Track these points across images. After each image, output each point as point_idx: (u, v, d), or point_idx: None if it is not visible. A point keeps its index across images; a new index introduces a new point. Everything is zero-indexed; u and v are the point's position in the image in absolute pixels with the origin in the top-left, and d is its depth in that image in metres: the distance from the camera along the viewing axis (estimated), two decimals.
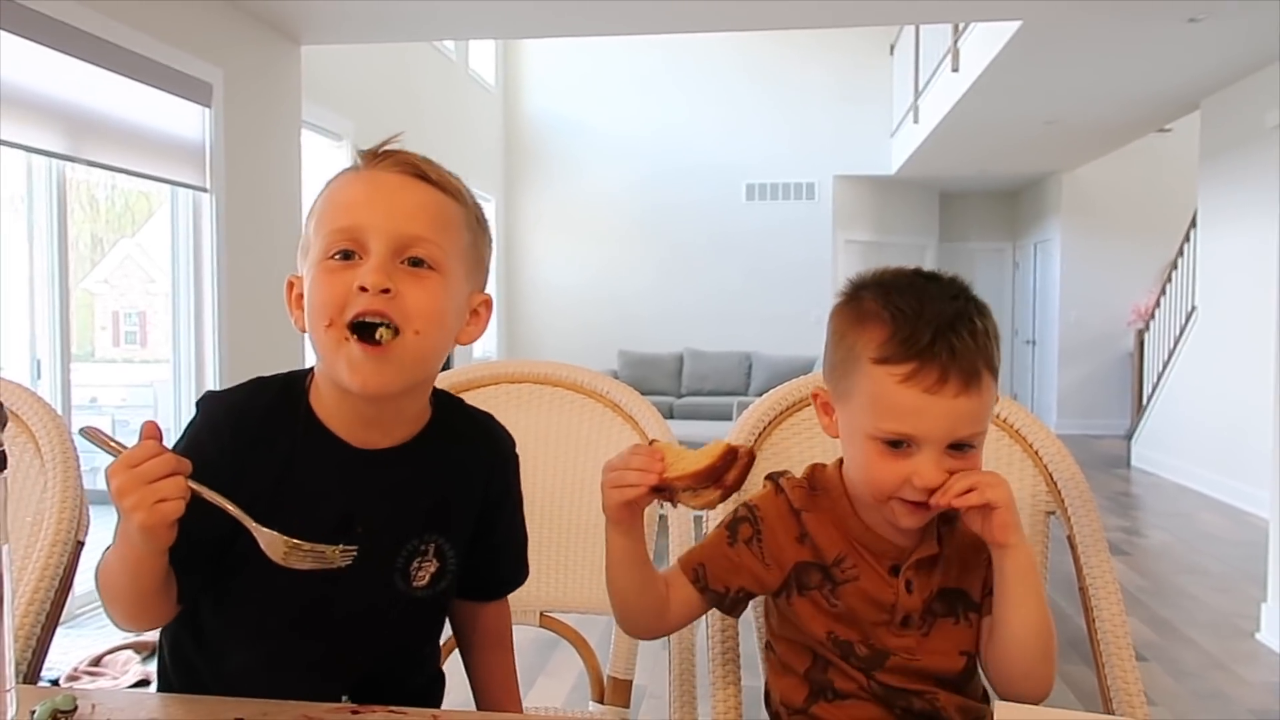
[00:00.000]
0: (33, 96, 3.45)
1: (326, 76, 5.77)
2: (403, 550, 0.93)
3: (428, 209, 0.87)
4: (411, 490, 0.93)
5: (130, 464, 0.79)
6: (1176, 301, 7.34)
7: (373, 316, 0.83)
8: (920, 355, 0.85)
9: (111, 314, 6.65)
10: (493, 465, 1.01)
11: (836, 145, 9.46)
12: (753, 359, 8.87)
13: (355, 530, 0.89)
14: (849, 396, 0.91)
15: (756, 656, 1.10)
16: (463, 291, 0.91)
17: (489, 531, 1.02)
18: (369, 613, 0.93)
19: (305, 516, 0.86)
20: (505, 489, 1.03)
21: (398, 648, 0.98)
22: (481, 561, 1.02)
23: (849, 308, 0.93)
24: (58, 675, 2.96)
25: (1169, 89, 6.25)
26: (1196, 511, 5.90)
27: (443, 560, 0.96)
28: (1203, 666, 3.28)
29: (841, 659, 0.94)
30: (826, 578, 0.94)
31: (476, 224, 0.94)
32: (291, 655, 0.93)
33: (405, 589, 0.94)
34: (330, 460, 0.90)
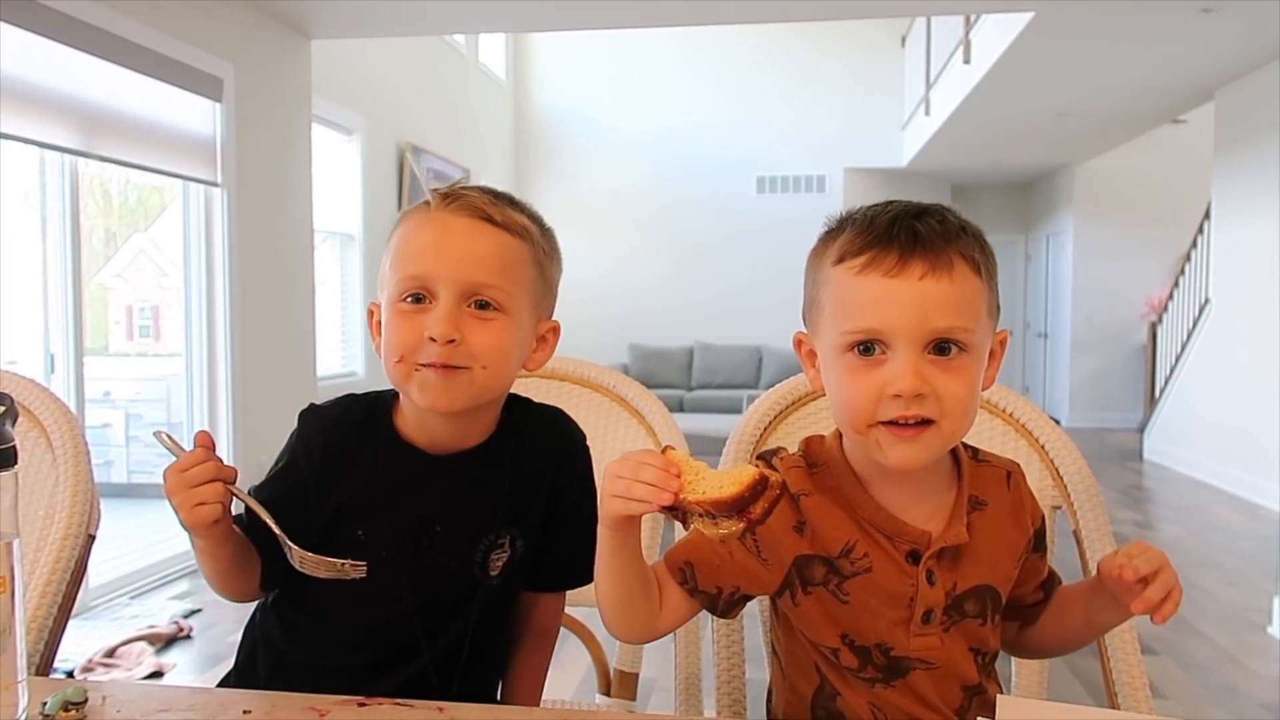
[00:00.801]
0: (45, 92, 3.47)
1: (337, 71, 5.78)
2: (480, 544, 0.98)
3: (494, 255, 0.91)
4: (485, 490, 0.98)
5: (180, 469, 0.87)
6: (1190, 294, 7.30)
7: (441, 366, 0.90)
8: (877, 241, 0.79)
9: (125, 308, 6.69)
10: (562, 457, 1.04)
11: (847, 138, 9.43)
12: (763, 352, 8.86)
13: (434, 530, 0.97)
14: (819, 318, 0.83)
15: (762, 650, 1.10)
16: (529, 324, 0.97)
17: (556, 519, 1.03)
18: (450, 604, 0.98)
19: (389, 519, 0.95)
20: (573, 479, 1.04)
21: (474, 637, 1.01)
22: (547, 550, 1.04)
23: (822, 239, 0.86)
24: (72, 667, 2.99)
25: (1183, 80, 6.20)
26: (1208, 505, 5.87)
27: (514, 549, 1.00)
28: (1213, 660, 3.27)
29: (857, 672, 0.84)
30: (833, 571, 0.83)
31: (545, 255, 0.98)
32: (377, 650, 0.98)
33: (483, 579, 0.99)
34: (409, 468, 0.97)
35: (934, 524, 0.84)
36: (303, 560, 0.89)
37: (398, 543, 0.95)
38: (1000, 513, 0.88)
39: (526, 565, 1.03)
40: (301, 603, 1.01)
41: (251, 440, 4.60)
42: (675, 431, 1.31)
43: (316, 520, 0.95)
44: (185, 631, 3.42)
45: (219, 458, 0.87)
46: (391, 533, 0.95)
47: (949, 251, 0.79)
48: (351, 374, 6.03)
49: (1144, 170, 9.19)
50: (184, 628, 3.43)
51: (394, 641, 0.98)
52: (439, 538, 0.96)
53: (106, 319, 6.43)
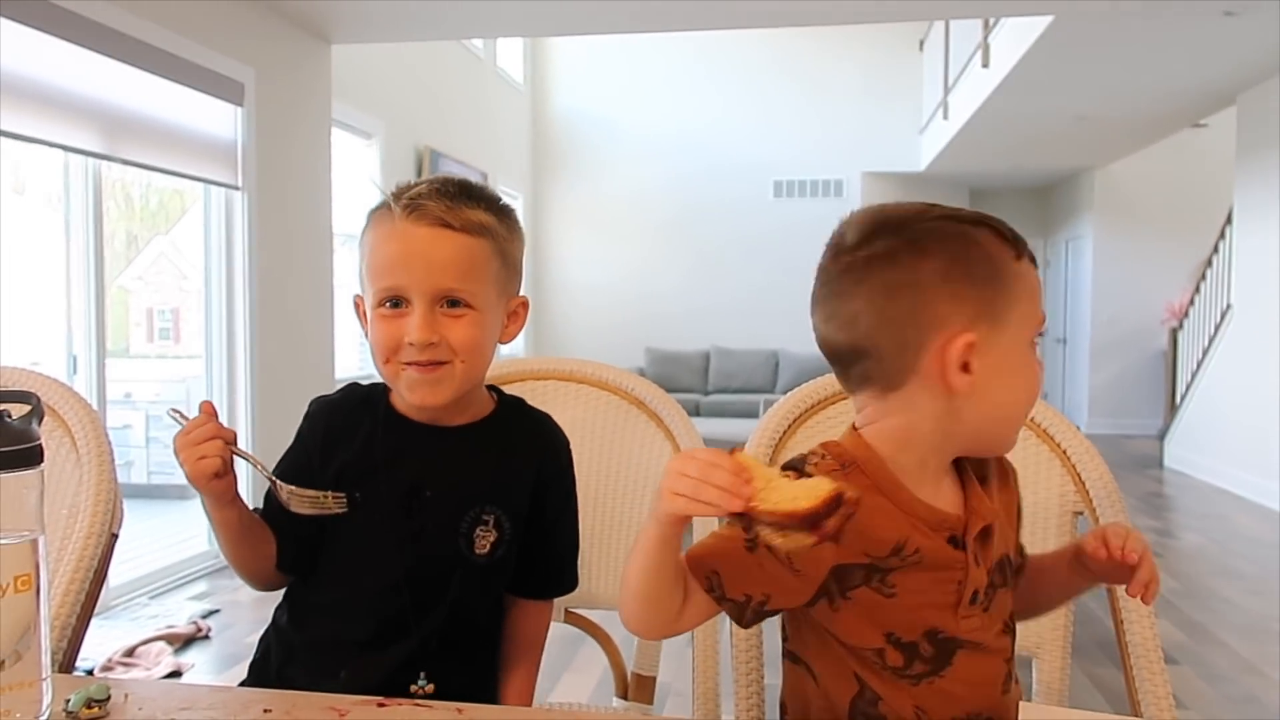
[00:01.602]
0: (69, 96, 3.51)
1: (356, 75, 5.82)
2: (466, 516, 1.04)
3: (458, 261, 0.99)
4: (473, 464, 1.05)
5: (185, 432, 0.97)
6: (1211, 299, 7.23)
7: (424, 364, 1.00)
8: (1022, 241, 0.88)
9: (146, 310, 6.75)
10: (544, 453, 1.10)
11: (865, 142, 9.41)
12: (779, 357, 8.84)
13: (425, 495, 1.03)
14: (1008, 311, 0.83)
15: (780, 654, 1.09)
16: (498, 308, 1.04)
17: (539, 522, 1.08)
18: (437, 576, 1.03)
19: (383, 484, 1.03)
20: (556, 477, 1.10)
21: (464, 616, 1.05)
22: (531, 557, 1.09)
23: (938, 236, 0.84)
24: (92, 666, 3.01)
25: (1204, 83, 6.15)
26: (1230, 513, 5.81)
27: (501, 531, 1.05)
28: (1235, 670, 3.23)
29: (903, 671, 0.83)
30: (874, 570, 0.82)
31: (506, 241, 1.03)
32: (370, 621, 1.03)
33: (469, 554, 1.03)
34: (404, 437, 1.05)
35: (954, 506, 0.85)
36: (289, 496, 0.97)
37: (391, 506, 1.03)
38: (994, 484, 0.90)
39: (514, 555, 1.07)
40: (307, 579, 1.08)
41: (270, 441, 4.62)
42: (694, 434, 1.31)
43: (320, 487, 1.02)
44: (204, 632, 3.44)
45: (219, 422, 0.97)
46: (385, 495, 1.03)
47: None
48: (370, 375, 6.05)
49: (1165, 175, 9.12)
50: (202, 628, 3.45)
51: (386, 611, 1.02)
52: (428, 504, 1.03)
53: (127, 321, 6.49)
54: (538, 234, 9.81)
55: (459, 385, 1.01)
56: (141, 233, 6.08)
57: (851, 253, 0.84)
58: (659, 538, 0.78)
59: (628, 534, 1.33)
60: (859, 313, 0.83)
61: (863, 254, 0.83)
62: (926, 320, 0.82)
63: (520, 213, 6.46)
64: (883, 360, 0.84)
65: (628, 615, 0.84)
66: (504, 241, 1.03)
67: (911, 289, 0.82)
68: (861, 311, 0.83)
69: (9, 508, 0.74)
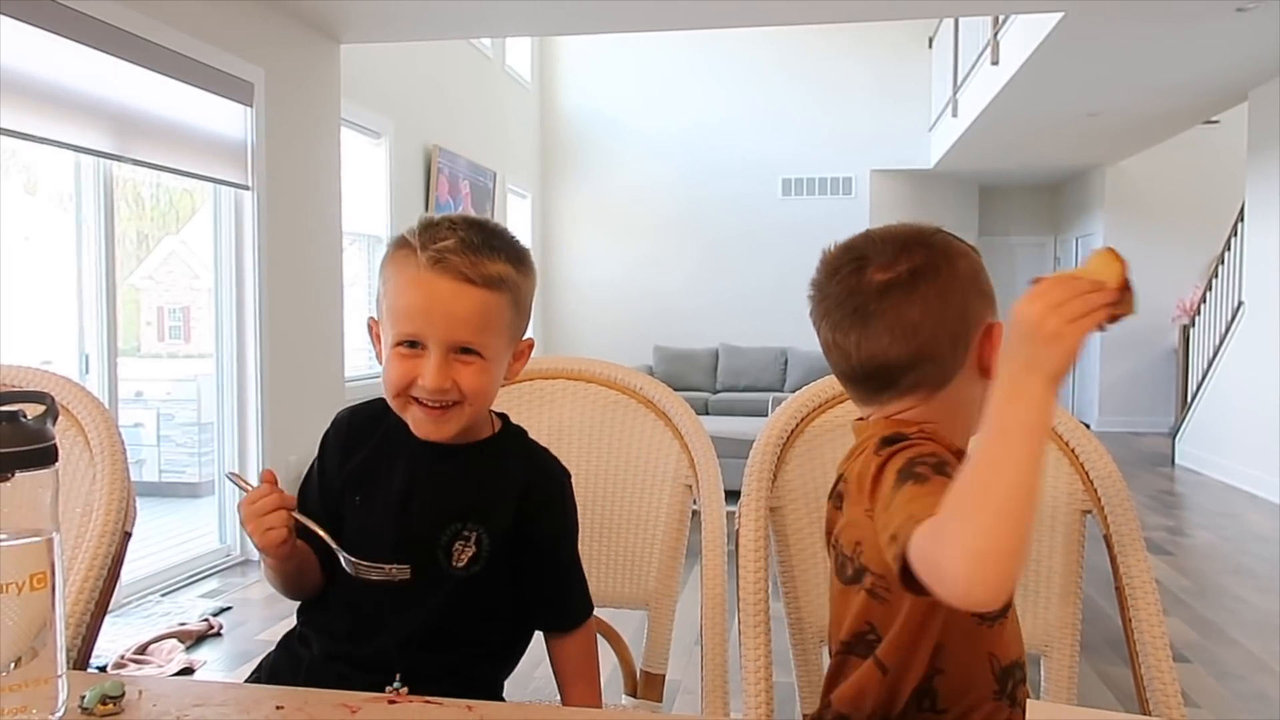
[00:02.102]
0: (80, 97, 3.53)
1: (365, 75, 5.83)
2: (446, 530, 1.07)
3: (474, 315, 1.04)
4: (461, 481, 1.10)
5: (250, 501, 1.03)
6: (1222, 296, 7.19)
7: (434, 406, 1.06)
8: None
9: (156, 309, 6.79)
10: (535, 479, 1.12)
11: (874, 139, 9.38)
12: (788, 354, 8.83)
13: (412, 504, 1.09)
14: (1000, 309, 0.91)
15: (789, 654, 1.10)
16: (507, 353, 1.09)
17: (533, 554, 1.11)
18: (418, 586, 1.05)
19: (381, 490, 1.10)
20: (545, 505, 1.11)
21: (443, 625, 1.08)
22: (536, 591, 1.13)
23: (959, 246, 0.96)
24: (105, 663, 3.03)
25: (1216, 80, 6.12)
26: (1242, 511, 5.79)
27: (480, 547, 1.08)
28: (1247, 668, 3.22)
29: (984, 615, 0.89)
30: None
31: (519, 288, 1.08)
32: (349, 617, 1.09)
33: (447, 567, 1.07)
34: (404, 447, 1.10)
35: None
36: (356, 567, 1.00)
37: (384, 511, 1.09)
38: None
39: (499, 574, 1.09)
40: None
41: (280, 439, 4.64)
42: (702, 433, 1.31)
43: (332, 489, 1.12)
44: (215, 629, 3.46)
45: (280, 489, 1.04)
46: (381, 501, 1.09)
47: None
48: (379, 375, 6.06)
49: (1176, 171, 9.07)
50: (214, 625, 3.47)
51: (365, 609, 1.08)
52: (415, 513, 1.08)
53: (138, 320, 6.52)
54: (546, 233, 9.81)
55: (464, 423, 1.07)
56: (152, 232, 6.11)
57: (889, 269, 0.92)
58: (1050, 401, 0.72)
59: (638, 533, 1.33)
60: (919, 322, 0.90)
61: (903, 269, 0.91)
62: (972, 316, 0.92)
63: (528, 211, 6.47)
64: (941, 361, 0.91)
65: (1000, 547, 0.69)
66: (518, 290, 1.08)
67: (959, 291, 0.92)
68: (922, 320, 0.90)
69: (24, 507, 0.75)
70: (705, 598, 1.20)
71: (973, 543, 0.68)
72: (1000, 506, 0.68)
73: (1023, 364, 0.72)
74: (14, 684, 0.74)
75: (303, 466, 4.50)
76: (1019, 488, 0.69)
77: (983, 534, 0.68)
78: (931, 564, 0.72)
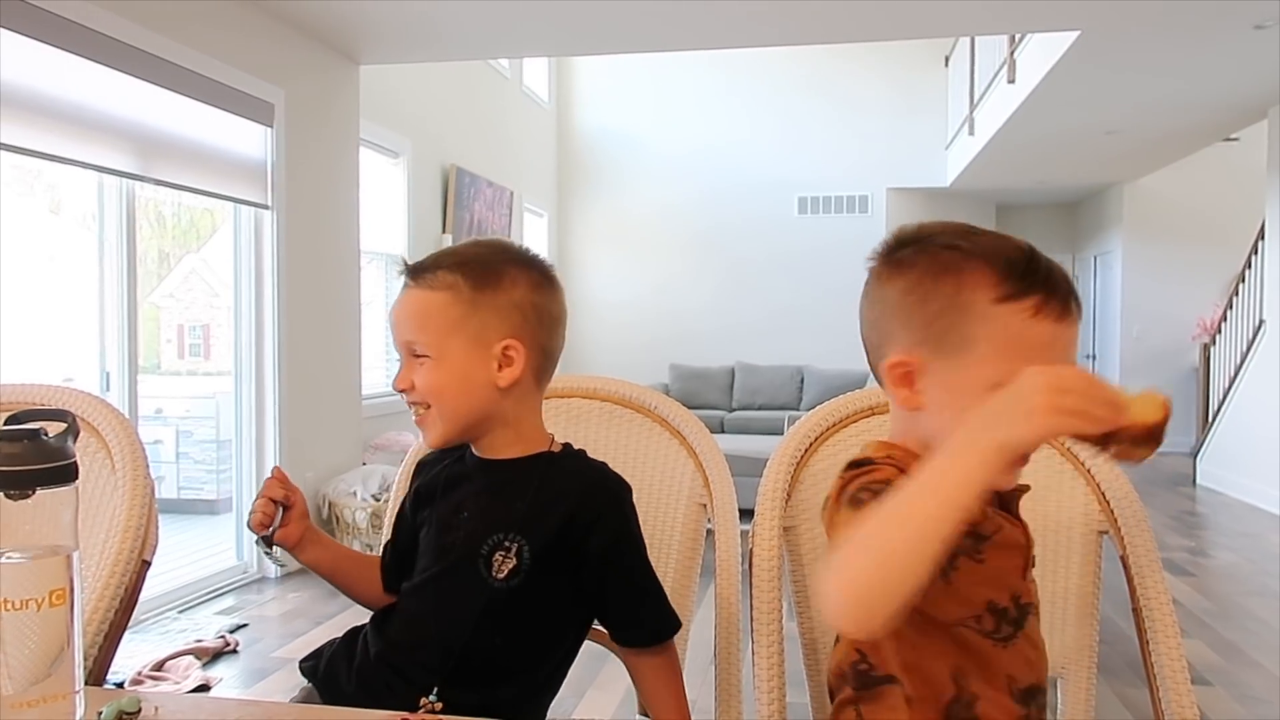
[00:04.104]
0: (104, 118, 3.58)
1: (384, 95, 5.89)
2: (488, 540, 1.10)
3: (414, 315, 1.12)
4: (507, 494, 1.12)
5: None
6: (1244, 315, 7.13)
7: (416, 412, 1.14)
8: (1041, 285, 0.83)
9: (176, 327, 6.85)
10: (583, 497, 1.12)
11: (890, 158, 9.38)
12: (804, 373, 8.81)
13: (462, 515, 1.13)
14: (961, 349, 0.84)
15: (803, 673, 1.10)
16: (471, 354, 1.11)
17: (594, 570, 1.10)
18: (457, 592, 1.10)
19: (440, 505, 1.16)
20: (594, 524, 1.10)
21: (483, 641, 1.08)
22: (605, 607, 1.14)
23: (925, 260, 0.87)
24: (121, 679, 3.04)
25: (1235, 97, 6.09)
26: (1265, 532, 5.71)
27: (520, 560, 1.09)
28: (1270, 692, 3.17)
29: (993, 634, 0.86)
30: (976, 537, 0.84)
31: (478, 291, 1.11)
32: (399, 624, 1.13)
33: (488, 577, 1.09)
34: (465, 464, 1.18)
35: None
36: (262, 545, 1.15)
37: (439, 522, 1.15)
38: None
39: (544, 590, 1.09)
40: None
41: (298, 456, 4.67)
42: (716, 452, 1.31)
43: (404, 508, 1.21)
44: (232, 646, 3.47)
45: (286, 486, 1.14)
46: (440, 515, 1.15)
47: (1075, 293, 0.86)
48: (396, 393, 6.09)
49: (1195, 189, 9.02)
50: (230, 642, 3.48)
51: (416, 615, 1.12)
52: (463, 523, 1.12)
53: (159, 338, 6.58)
54: (563, 252, 9.85)
55: (442, 425, 1.11)
56: (173, 251, 6.18)
57: (872, 259, 0.93)
58: (988, 469, 0.71)
59: (652, 552, 1.33)
60: (864, 317, 0.93)
61: (872, 264, 0.92)
62: (884, 334, 0.90)
63: (545, 229, 6.51)
64: (871, 364, 0.93)
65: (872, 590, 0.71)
66: (475, 291, 1.11)
67: (881, 304, 0.90)
68: (865, 316, 0.93)
69: (45, 524, 0.76)
70: (719, 617, 1.20)
71: (848, 575, 0.72)
72: (887, 556, 0.71)
73: (986, 421, 0.71)
74: (31, 699, 0.75)
75: (320, 484, 4.59)
76: (911, 546, 0.70)
77: (860, 571, 0.71)
78: (820, 583, 0.77)
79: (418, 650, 1.09)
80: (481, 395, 1.11)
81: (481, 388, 1.11)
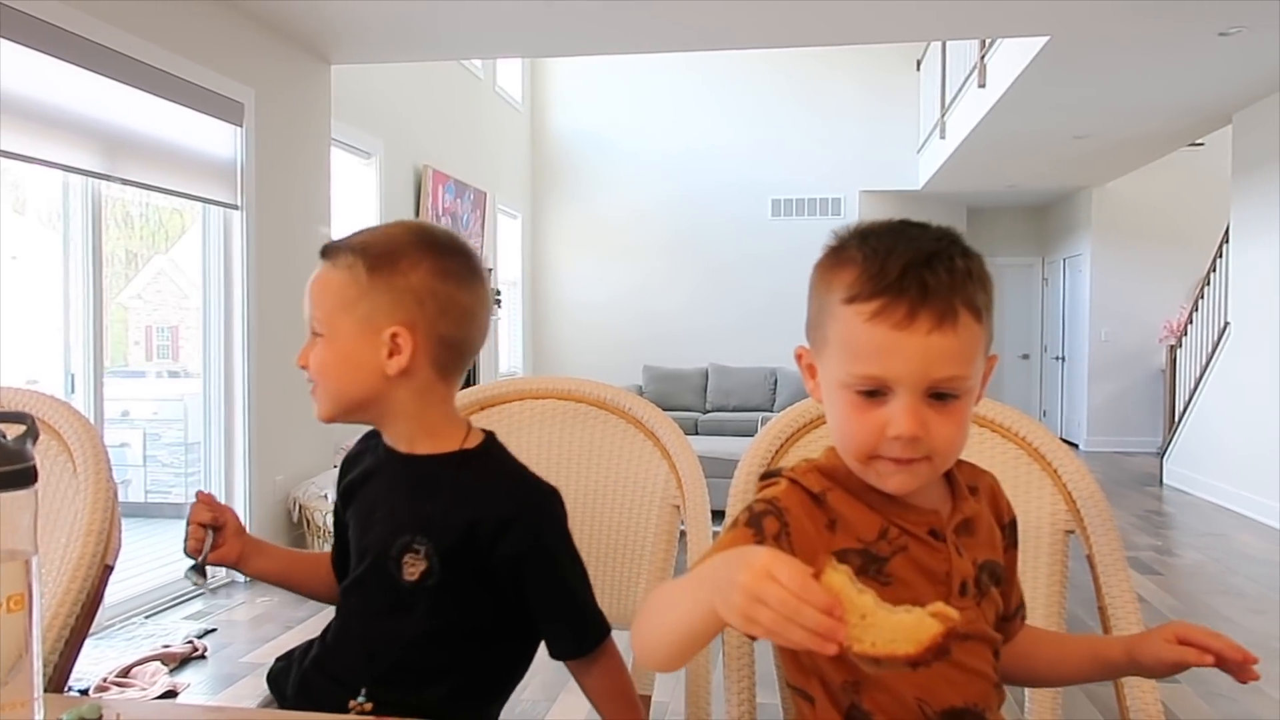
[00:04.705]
0: (70, 117, 3.53)
1: (355, 95, 5.85)
2: (398, 541, 1.08)
3: (313, 292, 1.11)
4: (413, 494, 1.11)
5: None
6: (1209, 317, 7.25)
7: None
8: (888, 290, 0.80)
9: (144, 328, 6.76)
10: (488, 507, 1.07)
11: (862, 161, 9.45)
12: (778, 375, 8.84)
13: (374, 514, 1.12)
14: (824, 346, 0.87)
15: (773, 674, 1.09)
16: (360, 336, 1.08)
17: (509, 574, 1.08)
18: (377, 596, 1.10)
19: (358, 504, 1.16)
20: (504, 525, 1.06)
21: (402, 642, 1.08)
22: (532, 611, 1.10)
23: (828, 257, 0.88)
24: (86, 685, 3.00)
25: (1200, 103, 6.19)
26: (1231, 531, 5.80)
27: (430, 562, 1.08)
28: (1235, 689, 3.21)
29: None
30: (870, 558, 0.84)
31: (373, 270, 1.08)
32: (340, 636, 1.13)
33: (398, 577, 1.07)
34: (377, 460, 1.17)
35: (943, 504, 0.89)
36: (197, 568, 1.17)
37: (359, 522, 1.14)
38: (983, 500, 0.94)
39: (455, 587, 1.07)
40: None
41: (267, 460, 4.62)
42: (689, 453, 1.31)
43: (338, 509, 1.20)
44: (199, 651, 3.43)
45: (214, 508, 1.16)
46: (357, 514, 1.15)
47: (955, 302, 0.82)
48: None
49: (1162, 193, 9.16)
50: (198, 647, 3.44)
51: (344, 617, 1.13)
52: (375, 523, 1.11)
53: (126, 339, 6.49)
54: (537, 252, 9.83)
55: (324, 403, 1.11)
56: (141, 251, 6.10)
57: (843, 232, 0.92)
58: (710, 625, 0.71)
59: (625, 553, 1.33)
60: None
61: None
62: (811, 319, 0.90)
63: (519, 231, 6.49)
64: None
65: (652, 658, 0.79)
66: (370, 274, 1.07)
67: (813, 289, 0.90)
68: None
69: (3, 528, 0.74)
70: None
71: (639, 637, 0.80)
72: (660, 631, 0.77)
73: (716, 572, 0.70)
74: None
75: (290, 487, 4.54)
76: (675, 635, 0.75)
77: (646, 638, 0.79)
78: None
79: (346, 653, 1.10)
80: (366, 380, 1.08)
81: (366, 372, 1.08)
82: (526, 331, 9.65)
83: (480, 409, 1.37)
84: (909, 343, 0.80)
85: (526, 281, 9.65)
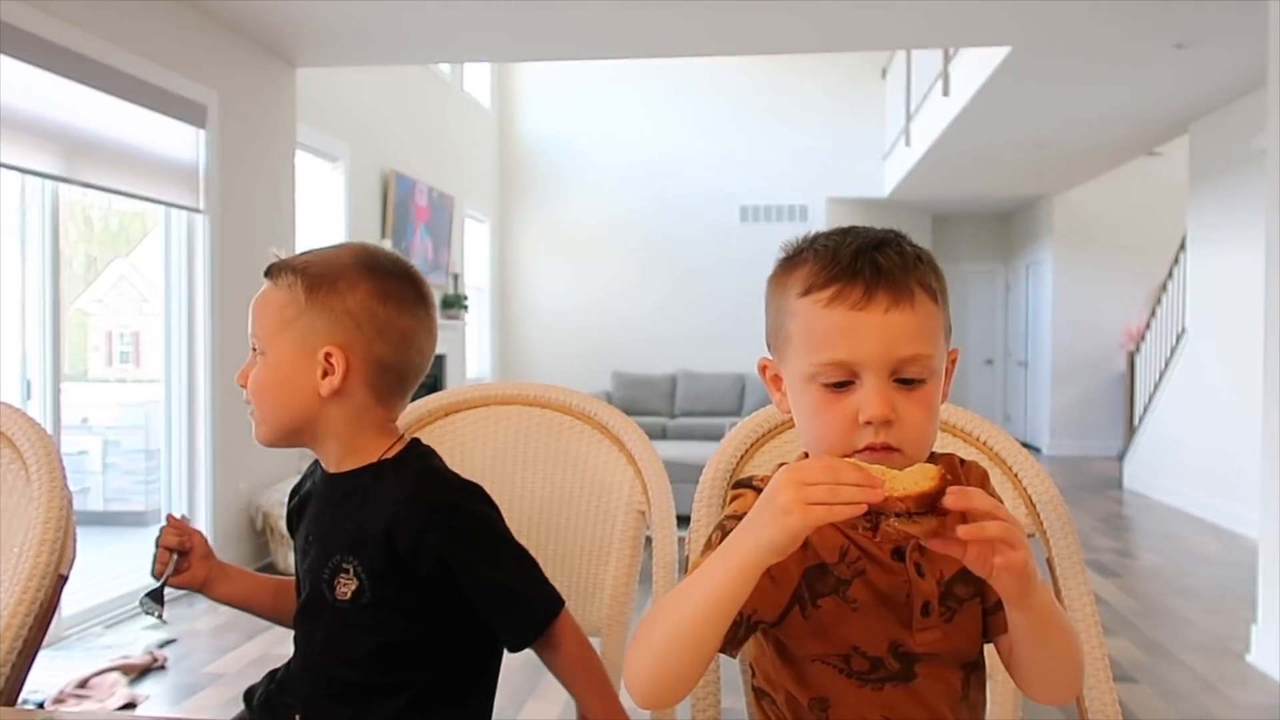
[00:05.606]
0: (28, 118, 3.47)
1: (321, 98, 5.80)
2: (329, 563, 1.08)
3: (255, 310, 1.11)
4: (338, 513, 1.11)
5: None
6: (1167, 323, 7.38)
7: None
8: (842, 275, 0.82)
9: (105, 334, 6.64)
10: (401, 517, 1.05)
11: (829, 168, 9.52)
12: (746, 380, 8.88)
13: (309, 538, 1.13)
14: (786, 345, 0.86)
15: (738, 680, 1.10)
16: (295, 356, 1.08)
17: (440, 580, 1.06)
18: (316, 618, 1.10)
19: (301, 525, 1.16)
20: (419, 531, 1.05)
21: (342, 660, 1.08)
22: (476, 611, 1.09)
23: (781, 266, 0.90)
24: (43, 698, 2.94)
25: (1157, 113, 6.32)
26: (1188, 533, 5.91)
27: (360, 580, 1.07)
28: (1193, 688, 3.28)
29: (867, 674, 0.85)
30: (838, 581, 0.85)
31: (312, 290, 1.08)
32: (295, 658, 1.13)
33: (331, 599, 1.08)
34: (315, 486, 1.17)
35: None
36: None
37: (300, 547, 1.15)
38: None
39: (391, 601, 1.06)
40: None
41: (230, 468, 4.56)
42: (655, 458, 1.32)
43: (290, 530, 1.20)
44: (160, 662, 3.37)
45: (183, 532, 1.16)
46: (301, 537, 1.16)
47: (909, 282, 0.83)
48: None
49: (1121, 202, 9.32)
50: (158, 658, 3.39)
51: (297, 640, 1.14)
52: (310, 547, 1.12)
53: (86, 345, 6.38)
54: (505, 257, 9.80)
55: (262, 427, 1.11)
56: (101, 255, 6.00)
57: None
58: (750, 573, 0.73)
59: (590, 560, 1.33)
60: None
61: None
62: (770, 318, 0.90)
63: (487, 236, 6.49)
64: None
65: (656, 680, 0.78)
66: (308, 294, 1.07)
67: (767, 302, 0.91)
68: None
69: None
70: None
71: (634, 670, 0.78)
72: (664, 654, 0.76)
73: (751, 523, 0.73)
74: None
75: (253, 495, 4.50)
76: (683, 645, 0.76)
77: (643, 669, 0.78)
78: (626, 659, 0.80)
79: (303, 675, 1.11)
80: (301, 400, 1.08)
81: (302, 393, 1.08)
82: (494, 337, 9.62)
83: (445, 415, 1.37)
84: (869, 321, 0.81)
85: (495, 286, 9.62)
